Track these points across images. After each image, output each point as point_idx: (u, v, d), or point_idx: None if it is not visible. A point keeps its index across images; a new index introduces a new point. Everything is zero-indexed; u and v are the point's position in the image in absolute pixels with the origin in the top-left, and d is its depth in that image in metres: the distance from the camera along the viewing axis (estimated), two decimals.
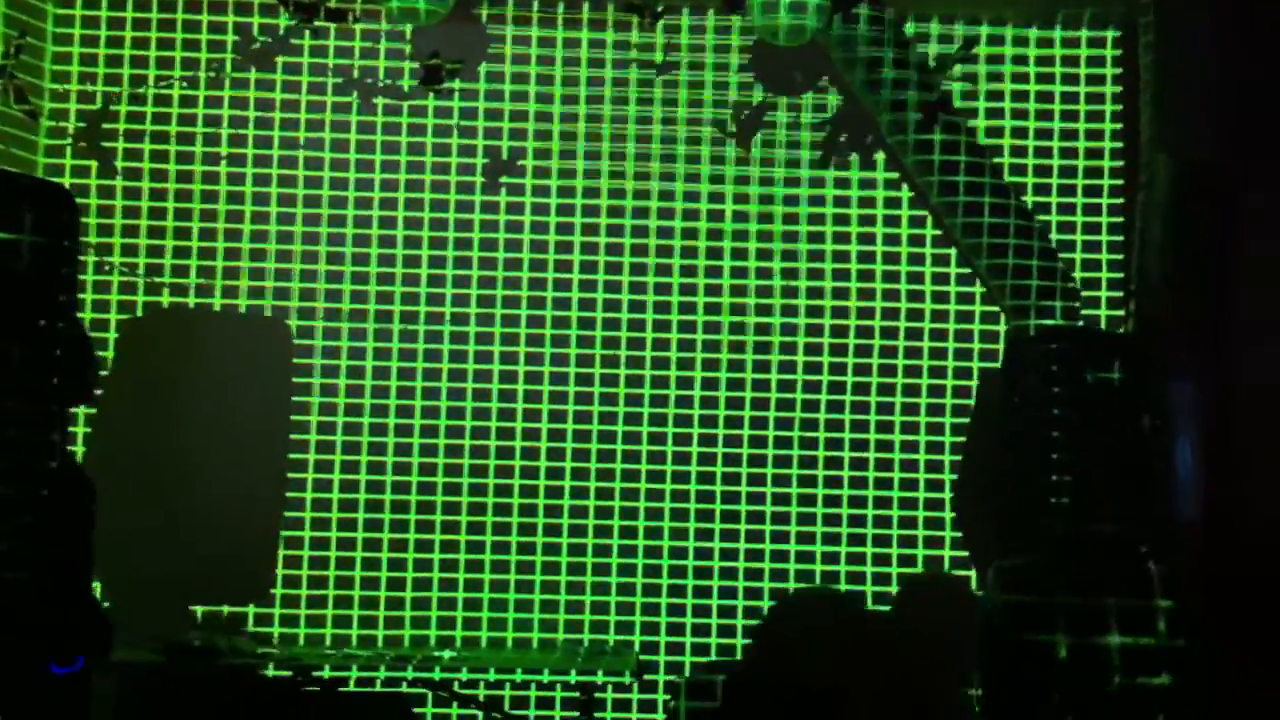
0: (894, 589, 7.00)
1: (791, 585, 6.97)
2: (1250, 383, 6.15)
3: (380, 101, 7.15)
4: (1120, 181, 7.10)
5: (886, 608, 7.01)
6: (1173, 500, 6.10)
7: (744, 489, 7.03)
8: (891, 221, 7.18)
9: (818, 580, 6.96)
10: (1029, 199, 7.04)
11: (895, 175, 7.16)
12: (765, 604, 6.97)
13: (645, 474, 7.03)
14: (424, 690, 6.48)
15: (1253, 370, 6.16)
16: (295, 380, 6.95)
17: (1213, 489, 6.10)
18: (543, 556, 6.97)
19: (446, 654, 6.61)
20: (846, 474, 7.04)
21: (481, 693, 6.63)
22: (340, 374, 7.01)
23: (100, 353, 6.78)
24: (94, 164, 7.02)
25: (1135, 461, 6.13)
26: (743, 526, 7.01)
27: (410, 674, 6.28)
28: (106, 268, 6.93)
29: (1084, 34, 7.24)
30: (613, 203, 7.16)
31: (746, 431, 7.06)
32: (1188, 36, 6.51)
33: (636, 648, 6.88)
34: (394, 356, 7.03)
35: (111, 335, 6.89)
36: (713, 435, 7.05)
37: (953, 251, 7.11)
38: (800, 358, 7.09)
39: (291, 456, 6.93)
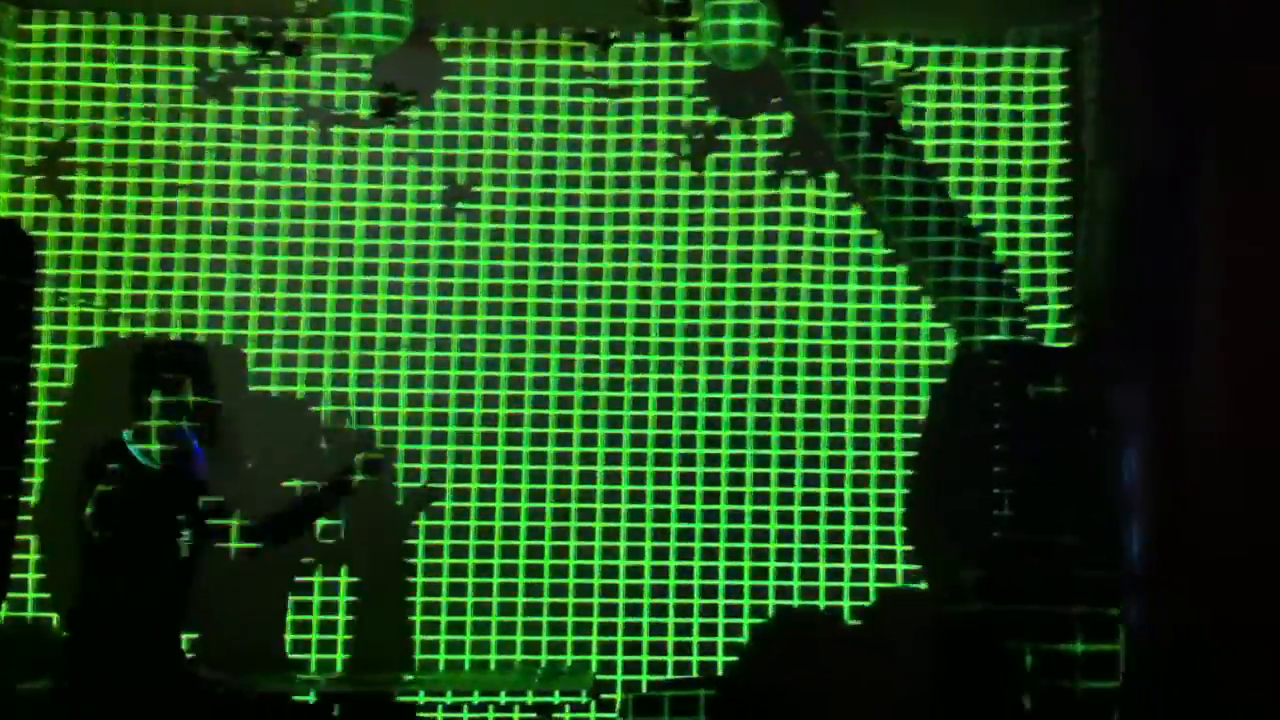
0: (846, 604, 7.05)
1: (747, 601, 7.01)
2: (1194, 391, 6.21)
3: (338, 130, 7.22)
4: (1067, 198, 7.17)
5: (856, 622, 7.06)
6: (1118, 509, 6.16)
7: (699, 507, 7.08)
8: (842, 240, 7.24)
9: (770, 596, 7.01)
10: (976, 216, 7.11)
11: (846, 194, 7.22)
12: (721, 621, 7.01)
13: (601, 494, 7.07)
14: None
15: (1197, 378, 6.22)
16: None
17: (1159, 496, 6.16)
18: (499, 578, 7.01)
19: (403, 677, 6.66)
20: (799, 490, 7.08)
21: (440, 715, 6.66)
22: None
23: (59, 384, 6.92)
24: (52, 197, 7.09)
25: (1080, 473, 6.20)
26: (698, 544, 7.05)
27: None
28: (63, 299, 7.00)
29: (1031, 52, 7.31)
30: (568, 227, 7.23)
31: (700, 450, 7.10)
32: (1131, 53, 6.59)
33: (593, 667, 6.91)
34: (351, 383, 7.09)
35: (70, 365, 6.97)
36: (667, 455, 7.10)
37: (902, 268, 7.18)
38: (754, 376, 7.14)
39: None
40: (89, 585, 5.44)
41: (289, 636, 6.89)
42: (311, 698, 6.17)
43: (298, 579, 6.91)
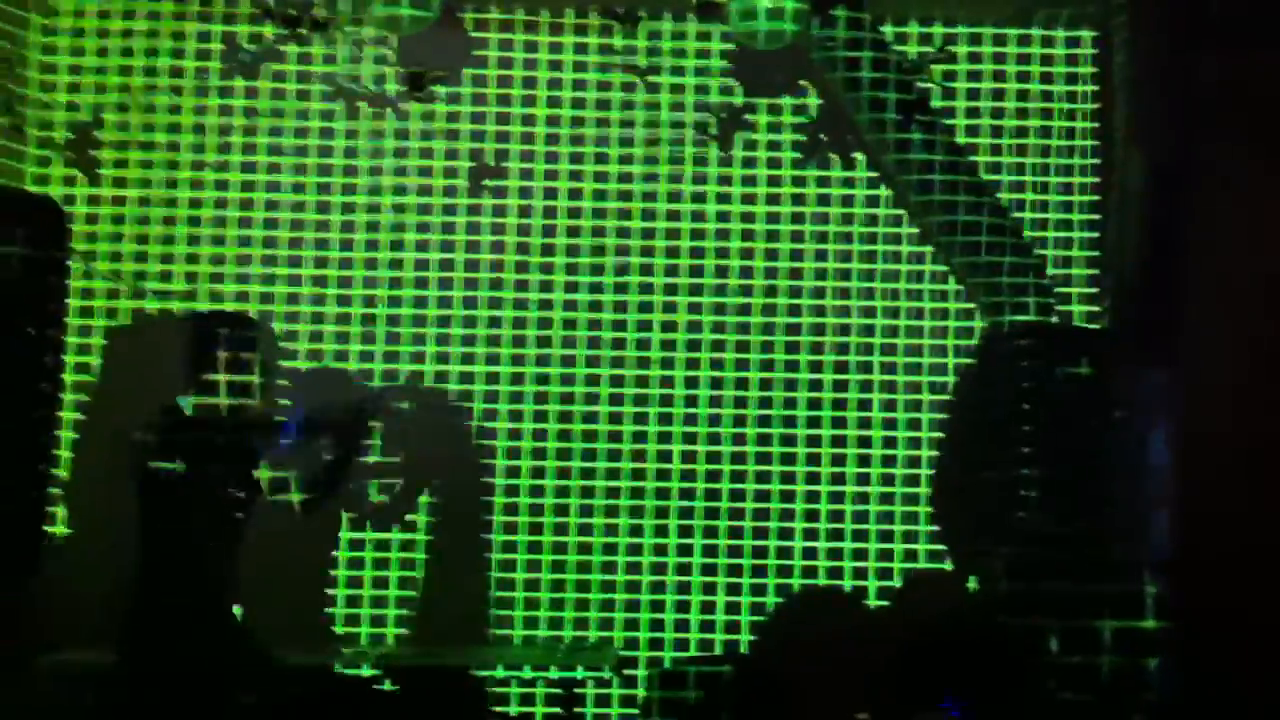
0: (871, 584, 7.06)
1: (771, 580, 7.03)
2: (1220, 376, 6.19)
3: (365, 108, 7.23)
4: (1095, 179, 7.16)
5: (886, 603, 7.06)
6: (1143, 491, 6.15)
7: (725, 486, 7.08)
8: (870, 220, 7.23)
9: (796, 575, 7.02)
10: (1005, 196, 7.10)
11: (874, 174, 7.21)
12: (745, 599, 7.02)
13: (627, 472, 7.08)
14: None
15: (1222, 364, 6.20)
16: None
17: (1183, 480, 6.14)
18: (524, 555, 7.03)
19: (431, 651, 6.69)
20: (826, 470, 7.09)
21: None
22: None
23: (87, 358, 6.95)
24: (81, 174, 7.12)
25: (1107, 454, 6.19)
26: (723, 523, 7.06)
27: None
28: (92, 274, 7.03)
29: (1060, 34, 7.30)
30: (595, 204, 7.24)
31: (726, 429, 7.11)
32: (1160, 37, 6.57)
33: (617, 643, 6.93)
34: (378, 359, 7.11)
35: (97, 342, 7.00)
36: (693, 433, 7.10)
37: (930, 249, 7.17)
38: (781, 356, 7.15)
39: None
40: (150, 557, 5.42)
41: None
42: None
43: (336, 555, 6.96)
